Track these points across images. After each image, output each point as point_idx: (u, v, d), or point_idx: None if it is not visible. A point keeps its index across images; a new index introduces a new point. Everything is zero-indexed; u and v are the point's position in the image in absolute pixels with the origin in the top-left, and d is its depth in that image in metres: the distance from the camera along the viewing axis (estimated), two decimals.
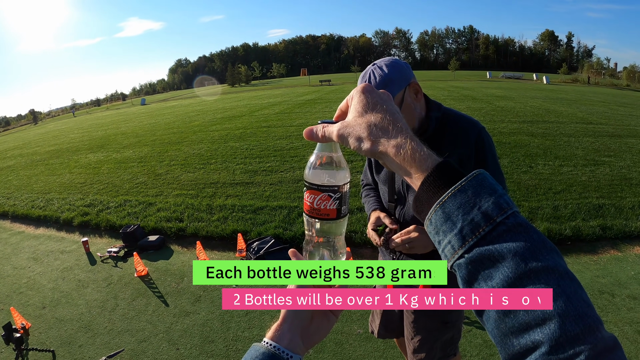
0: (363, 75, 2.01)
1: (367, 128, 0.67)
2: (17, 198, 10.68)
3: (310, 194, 0.81)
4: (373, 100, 0.71)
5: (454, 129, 2.06)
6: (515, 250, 0.53)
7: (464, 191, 0.58)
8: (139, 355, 4.20)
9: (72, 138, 24.30)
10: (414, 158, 0.63)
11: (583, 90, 42.09)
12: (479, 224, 0.56)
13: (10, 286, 6.03)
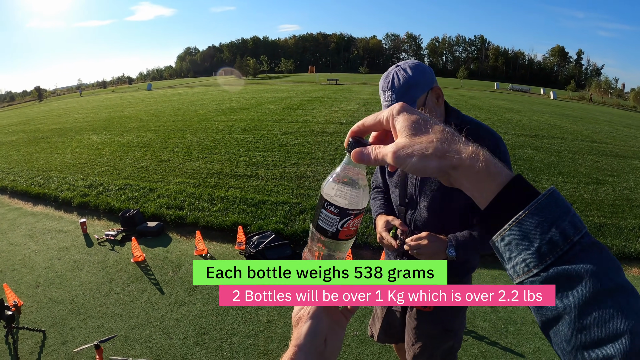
0: (386, 76, 1.99)
1: (431, 144, 0.63)
2: (17, 174, 10.62)
3: (330, 214, 0.78)
4: (422, 116, 0.67)
5: (472, 137, 1.99)
6: (591, 270, 0.53)
7: (542, 209, 0.57)
8: (131, 341, 4.14)
9: (76, 118, 24.22)
10: (489, 171, 0.61)
11: (589, 108, 42.08)
12: (557, 243, 0.55)
13: (5, 262, 5.97)
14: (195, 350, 4.00)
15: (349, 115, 19.86)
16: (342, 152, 11.50)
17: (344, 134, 9.58)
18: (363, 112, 21.28)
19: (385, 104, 1.96)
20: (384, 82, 1.99)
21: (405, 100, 1.79)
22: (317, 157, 11.16)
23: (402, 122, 0.67)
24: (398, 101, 1.86)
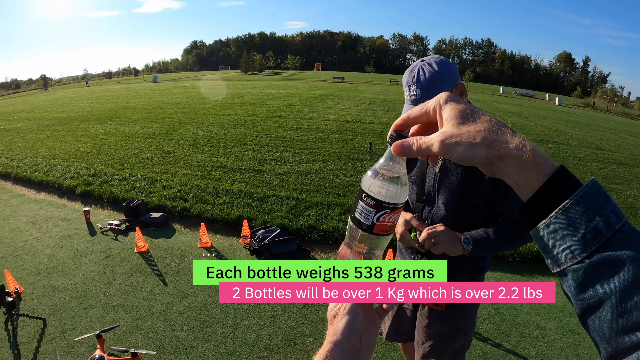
0: (411, 70, 1.96)
1: (479, 133, 0.64)
2: (21, 160, 10.59)
3: (366, 206, 0.77)
4: (470, 106, 0.68)
5: None
6: (633, 256, 0.55)
7: (586, 198, 0.59)
8: (133, 332, 4.08)
9: (82, 107, 24.19)
10: (536, 161, 0.62)
11: (594, 115, 41.92)
12: (601, 230, 0.57)
13: (6, 248, 5.92)
14: (197, 342, 3.95)
15: (354, 113, 19.78)
16: (347, 149, 11.47)
17: (350, 132, 9.52)
18: (369, 110, 21.25)
19: (410, 99, 1.93)
20: (409, 76, 1.95)
21: (430, 95, 1.76)
22: (323, 154, 11.10)
23: (449, 111, 0.68)
24: (423, 96, 1.80)
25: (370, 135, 13.82)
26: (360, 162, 10.32)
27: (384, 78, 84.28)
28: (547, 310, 4.55)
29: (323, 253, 5.88)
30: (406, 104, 1.98)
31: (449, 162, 2.06)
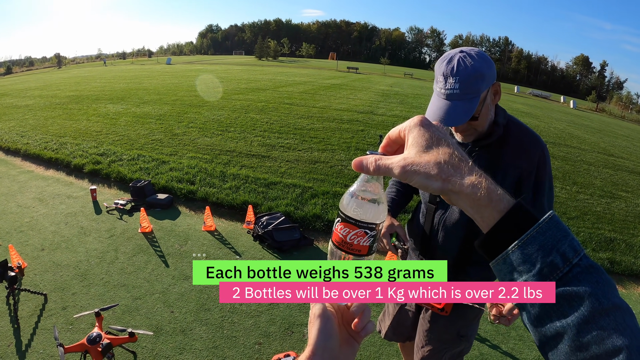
0: (448, 60, 1.75)
1: (437, 165, 0.64)
2: (31, 137, 10.62)
3: (345, 227, 0.75)
4: (436, 134, 0.68)
5: (518, 140, 1.91)
6: (590, 291, 0.57)
7: (543, 233, 0.60)
8: (132, 312, 4.09)
9: (94, 87, 24.23)
10: (491, 199, 0.63)
11: (608, 121, 41.40)
12: (557, 265, 0.59)
13: (12, 223, 5.95)
14: (195, 325, 3.95)
15: (366, 104, 19.67)
16: (357, 140, 11.43)
17: (361, 122, 9.48)
18: (381, 102, 21.14)
19: (445, 92, 1.75)
20: (447, 67, 1.74)
21: (470, 92, 1.71)
22: (332, 143, 11.05)
23: (416, 137, 0.68)
24: (462, 91, 1.69)
25: (382, 127, 13.74)
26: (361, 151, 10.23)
27: (398, 71, 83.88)
28: None
29: (326, 242, 5.86)
30: (437, 98, 1.80)
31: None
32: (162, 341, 3.73)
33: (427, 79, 62.10)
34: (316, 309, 0.78)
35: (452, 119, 1.70)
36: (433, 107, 1.79)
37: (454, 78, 1.71)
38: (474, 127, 1.85)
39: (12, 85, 28.97)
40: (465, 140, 1.92)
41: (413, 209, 2.50)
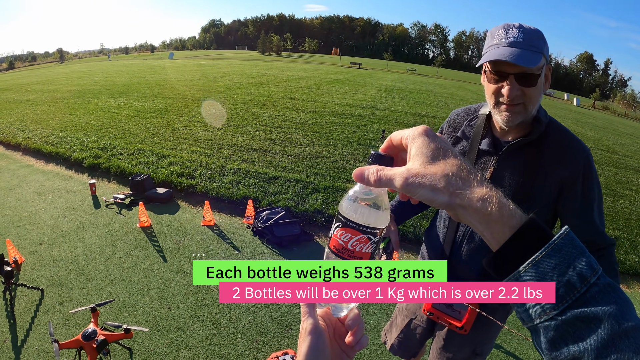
0: (508, 23, 1.62)
1: (444, 178, 0.60)
2: (31, 132, 10.59)
3: (346, 232, 0.72)
4: (442, 145, 0.63)
5: (560, 144, 1.74)
6: (610, 312, 0.53)
7: (559, 250, 0.56)
8: (128, 307, 4.05)
9: (96, 81, 24.21)
10: (502, 214, 0.58)
11: (611, 119, 41.24)
12: (574, 285, 0.55)
13: (11, 218, 5.91)
14: (192, 322, 3.90)
15: (369, 100, 19.61)
16: (360, 135, 11.37)
17: (363, 118, 9.40)
18: (384, 98, 21.07)
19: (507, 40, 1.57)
20: (507, 24, 1.62)
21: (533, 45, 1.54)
22: (334, 138, 10.99)
23: (420, 147, 0.64)
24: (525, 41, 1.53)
25: (384, 123, 13.69)
26: (372, 148, 10.05)
27: (401, 66, 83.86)
28: None
29: (326, 238, 5.80)
30: (496, 48, 1.60)
31: (504, 169, 1.79)
32: (159, 337, 3.68)
33: (430, 75, 62.08)
34: (307, 324, 0.75)
35: (518, 57, 1.51)
36: (491, 53, 1.60)
37: (517, 30, 1.57)
38: (525, 102, 1.64)
39: (14, 80, 28.97)
40: (508, 123, 1.69)
41: (432, 215, 2.35)
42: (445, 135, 2.03)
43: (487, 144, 1.82)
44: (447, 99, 25.26)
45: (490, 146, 1.81)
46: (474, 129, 1.89)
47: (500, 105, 1.67)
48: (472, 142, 1.88)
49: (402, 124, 13.90)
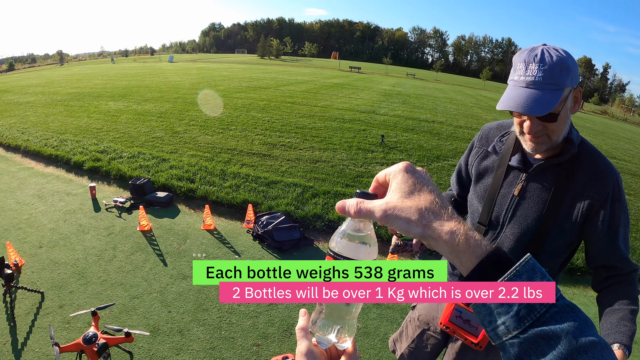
0: (530, 50, 1.59)
1: (418, 211, 0.66)
2: (31, 134, 10.60)
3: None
4: (419, 180, 0.70)
5: (592, 166, 1.73)
6: (567, 329, 0.58)
7: (519, 276, 0.62)
8: (129, 311, 4.06)
9: (95, 84, 24.23)
10: (468, 244, 0.65)
11: (611, 123, 41.41)
12: (534, 306, 0.60)
13: (10, 220, 5.92)
14: (192, 326, 3.91)
15: (368, 104, 19.66)
16: (359, 139, 11.39)
17: (363, 122, 9.43)
18: (383, 102, 21.12)
19: (526, 79, 1.56)
20: (529, 55, 1.57)
21: (553, 82, 1.52)
22: (334, 142, 11.02)
23: (400, 182, 0.70)
24: (544, 79, 1.54)
25: (383, 127, 13.74)
26: (371, 153, 10.25)
27: (400, 71, 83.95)
28: None
29: (326, 243, 5.82)
30: (513, 87, 1.61)
31: (532, 186, 1.79)
32: (159, 341, 3.69)
33: (430, 79, 62.21)
34: (302, 347, 0.79)
35: (531, 107, 1.51)
36: (507, 96, 1.61)
37: (537, 65, 1.53)
38: (548, 133, 1.65)
39: (13, 82, 28.97)
40: (534, 151, 1.71)
41: None
42: (476, 149, 2.06)
43: (517, 160, 1.83)
44: (446, 103, 25.33)
45: (520, 163, 1.82)
46: (504, 144, 1.90)
47: (525, 135, 1.69)
48: (502, 158, 1.89)
49: (401, 129, 13.94)
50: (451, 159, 10.53)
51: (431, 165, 9.76)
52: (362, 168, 8.96)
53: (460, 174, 2.24)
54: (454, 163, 3.07)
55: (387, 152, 10.49)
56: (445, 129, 15.00)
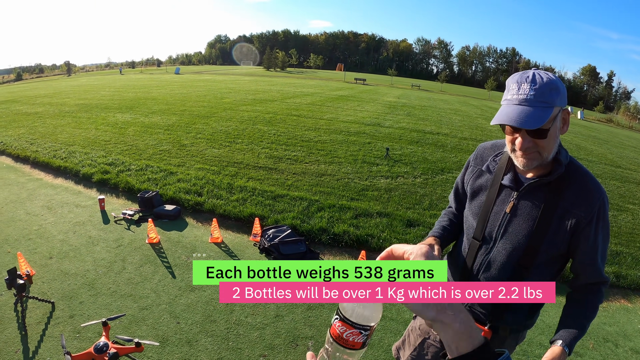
0: (522, 72, 1.72)
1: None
2: (40, 145, 10.73)
3: (343, 325, 0.82)
4: None
5: (580, 185, 1.84)
6: None
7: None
8: (138, 322, 4.12)
9: (103, 95, 24.44)
10: (470, 335, 0.71)
11: (616, 131, 41.31)
12: None
13: (21, 231, 6.01)
14: (201, 337, 3.98)
15: (373, 116, 19.77)
16: (364, 152, 11.44)
17: (368, 135, 9.51)
18: (388, 114, 21.21)
19: (518, 97, 1.68)
20: (521, 77, 1.70)
21: (544, 100, 1.64)
22: (339, 155, 11.09)
23: None
24: (535, 97, 1.72)
25: (388, 140, 13.81)
26: (376, 166, 10.31)
27: (405, 82, 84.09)
28: (551, 330, 4.50)
29: (332, 256, 5.89)
30: (506, 105, 1.73)
31: (523, 203, 1.88)
32: (168, 352, 3.76)
33: (434, 90, 62.32)
34: None
35: (523, 121, 1.62)
36: (500, 113, 1.72)
37: (529, 84, 1.66)
38: (539, 150, 1.74)
39: (22, 92, 29.22)
40: (525, 167, 1.80)
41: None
42: (471, 168, 2.15)
43: (509, 179, 1.92)
44: (450, 114, 25.44)
45: (512, 182, 1.91)
46: (498, 164, 2.00)
47: (516, 152, 1.78)
48: (495, 177, 1.98)
49: (407, 141, 14.00)
50: (456, 171, 10.58)
51: (435, 178, 9.82)
52: (367, 181, 9.02)
53: (458, 191, 2.32)
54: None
55: (392, 165, 10.53)
56: (450, 141, 15.08)
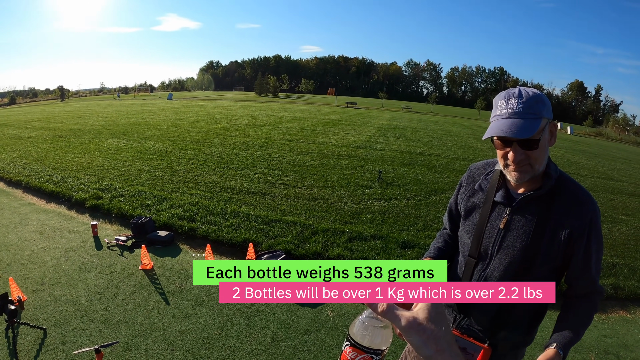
0: (509, 89, 1.79)
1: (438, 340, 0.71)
2: (33, 170, 10.71)
3: (354, 351, 0.80)
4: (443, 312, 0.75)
5: (570, 197, 1.87)
6: None
7: None
8: (132, 349, 4.08)
9: (96, 120, 24.49)
10: None
11: (606, 144, 41.82)
12: None
13: (13, 256, 5.97)
14: None
15: (365, 139, 19.91)
16: (357, 175, 11.48)
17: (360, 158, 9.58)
18: (380, 137, 21.36)
19: (507, 111, 1.74)
20: (508, 93, 1.77)
21: (531, 112, 1.69)
22: (332, 179, 11.12)
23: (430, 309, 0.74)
24: (523, 110, 1.71)
25: (380, 163, 13.88)
26: (369, 189, 10.33)
27: (396, 104, 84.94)
28: None
29: None
30: (496, 121, 1.77)
31: (516, 218, 1.91)
32: None
33: (425, 112, 63.00)
34: None
35: (514, 131, 1.67)
36: (491, 128, 1.77)
37: (516, 99, 1.72)
38: (531, 162, 1.78)
39: (15, 115, 29.25)
40: (518, 181, 1.83)
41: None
42: (464, 188, 2.20)
43: (501, 196, 1.96)
44: (442, 135, 25.74)
45: (504, 198, 1.94)
46: (489, 182, 2.04)
47: (509, 167, 1.83)
48: (487, 194, 2.02)
49: (399, 163, 14.11)
50: (448, 191, 10.63)
51: (429, 199, 9.85)
52: (361, 204, 9.03)
53: (452, 212, 2.35)
54: (451, 195, 3.22)
55: (384, 187, 10.56)
56: (442, 162, 15.22)
